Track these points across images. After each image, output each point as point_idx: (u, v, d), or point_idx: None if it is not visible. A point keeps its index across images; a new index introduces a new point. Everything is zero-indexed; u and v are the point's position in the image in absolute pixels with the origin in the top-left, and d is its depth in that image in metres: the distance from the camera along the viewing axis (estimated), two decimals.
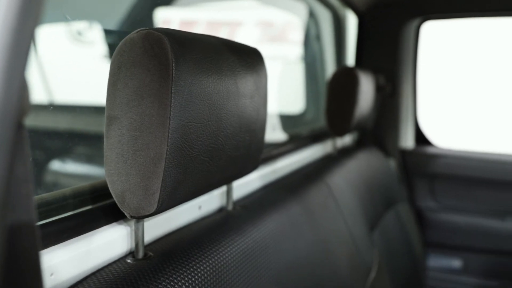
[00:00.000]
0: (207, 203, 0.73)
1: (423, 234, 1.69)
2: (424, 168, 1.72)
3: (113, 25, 1.27)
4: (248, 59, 0.62)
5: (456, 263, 1.70)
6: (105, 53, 1.19)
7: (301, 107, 1.80)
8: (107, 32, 1.20)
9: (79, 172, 1.53)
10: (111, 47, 1.13)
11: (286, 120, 1.72)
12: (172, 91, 0.46)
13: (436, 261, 1.72)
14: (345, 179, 1.20)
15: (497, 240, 1.64)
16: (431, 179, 1.72)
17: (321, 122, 1.69)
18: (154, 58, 0.46)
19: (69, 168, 1.51)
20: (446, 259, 1.72)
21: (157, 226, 0.61)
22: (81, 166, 1.53)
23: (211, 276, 0.55)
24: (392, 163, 1.71)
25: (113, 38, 1.22)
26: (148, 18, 1.31)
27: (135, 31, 0.47)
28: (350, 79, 1.27)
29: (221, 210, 0.76)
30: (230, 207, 0.75)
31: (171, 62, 0.46)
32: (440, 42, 2.06)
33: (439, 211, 1.71)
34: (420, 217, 1.72)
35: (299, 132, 1.64)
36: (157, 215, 0.55)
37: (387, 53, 1.68)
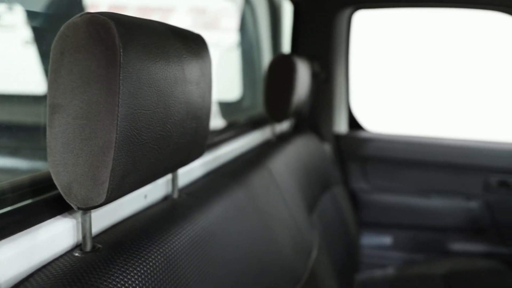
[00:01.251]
0: (153, 191, 0.72)
1: (357, 215, 1.77)
2: (356, 152, 1.80)
3: (37, 7, 1.19)
4: (193, 45, 0.61)
5: (387, 240, 1.81)
6: (30, 37, 1.11)
7: (238, 94, 1.81)
8: (31, 14, 1.13)
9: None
10: (36, 31, 1.07)
11: (224, 107, 1.73)
12: (120, 77, 0.44)
13: (369, 239, 1.82)
14: (285, 164, 1.22)
15: (423, 217, 1.77)
16: (364, 162, 1.80)
17: (259, 108, 1.71)
18: (100, 43, 0.44)
19: None
20: (378, 236, 1.82)
21: (103, 217, 0.59)
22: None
23: (162, 265, 0.55)
24: (327, 148, 1.77)
25: (38, 21, 1.15)
26: (76, 1, 1.24)
27: (78, 15, 0.45)
28: (287, 66, 1.30)
29: (166, 198, 0.75)
30: (175, 195, 0.74)
31: (119, 47, 0.44)
32: (373, 31, 2.15)
33: (371, 192, 1.80)
34: (354, 198, 1.80)
35: (237, 119, 1.65)
36: (103, 206, 0.54)
37: (321, 40, 1.73)
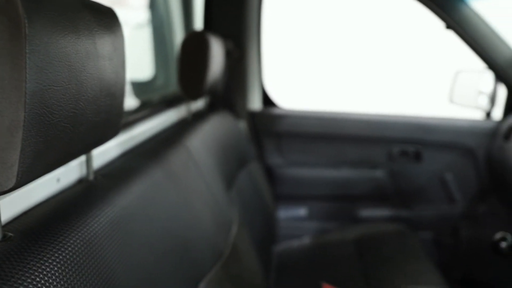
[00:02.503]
0: (66, 174, 0.69)
1: (273, 189, 1.83)
2: (271, 128, 1.85)
3: None
4: (104, 18, 0.58)
5: (302, 211, 1.90)
6: None
7: (150, 74, 1.76)
8: None
9: None
10: None
11: (136, 87, 1.67)
12: (27, 51, 0.41)
13: (286, 212, 1.90)
14: (202, 142, 1.22)
15: (335, 187, 1.87)
16: (278, 137, 1.86)
17: (173, 87, 1.68)
18: (1, 14, 0.40)
19: None
20: (293, 208, 1.90)
21: (13, 204, 0.55)
22: None
23: (82, 249, 0.53)
24: (242, 125, 1.79)
25: None
26: None
27: None
28: (201, 44, 1.28)
29: (81, 181, 0.72)
30: (91, 177, 0.71)
31: (23, 18, 0.41)
32: (284, 10, 2.19)
33: (286, 166, 1.87)
34: (269, 173, 1.85)
35: (151, 98, 1.61)
36: (13, 191, 0.50)
37: (234, 18, 1.73)
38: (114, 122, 0.64)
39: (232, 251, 0.99)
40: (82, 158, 0.71)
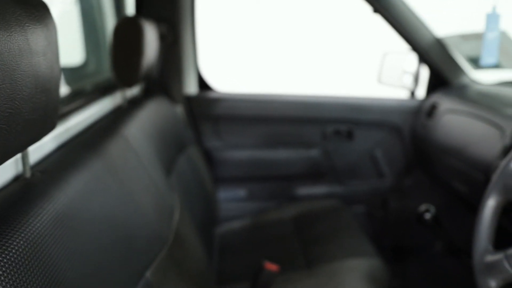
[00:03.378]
0: (0, 173, 0.66)
1: (212, 172, 1.85)
2: (207, 112, 1.86)
3: None
4: (35, 12, 0.56)
5: (241, 192, 1.94)
6: None
7: (81, 59, 1.69)
8: None
9: None
10: None
11: (67, 74, 1.60)
12: None
13: (225, 194, 1.93)
14: (140, 129, 1.21)
15: (272, 168, 1.92)
16: (215, 121, 1.87)
17: (106, 74, 1.63)
18: None
19: None
20: (233, 190, 1.93)
21: None
22: None
23: (26, 250, 0.52)
24: (179, 109, 1.78)
25: None
26: None
27: None
28: (134, 29, 1.26)
29: (17, 179, 0.70)
30: (28, 174, 0.69)
31: None
32: None
33: (224, 149, 1.89)
34: (208, 156, 1.87)
35: (82, 85, 1.56)
36: None
37: (166, 1, 1.70)
38: (50, 117, 0.63)
39: (175, 237, 1.00)
40: (18, 155, 0.68)
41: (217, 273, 1.45)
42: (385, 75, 2.04)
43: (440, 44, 1.83)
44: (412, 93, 2.02)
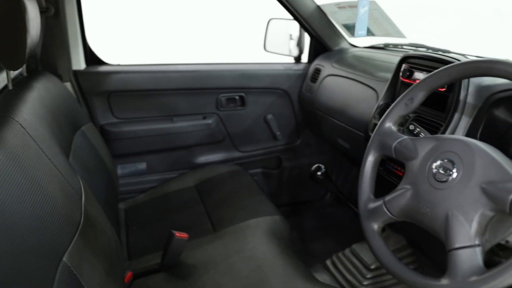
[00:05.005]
0: None
1: (110, 148, 1.82)
2: (99, 87, 1.80)
3: None
4: None
5: (141, 165, 1.94)
6: None
7: None
8: None
9: None
10: None
11: None
12: None
13: (126, 169, 1.92)
14: (32, 113, 1.16)
15: (171, 139, 1.94)
16: (108, 96, 1.82)
17: None
18: None
19: None
20: (133, 165, 1.93)
21: None
22: None
23: None
24: (69, 87, 1.71)
25: None
26: None
27: None
28: (14, 7, 1.17)
29: None
30: None
31: None
32: None
33: (120, 125, 1.85)
34: (104, 133, 1.83)
35: None
36: None
37: None
38: None
39: (85, 219, 1.01)
40: None
41: (127, 248, 1.47)
42: (271, 42, 2.14)
43: (319, 13, 1.97)
44: (297, 59, 2.15)
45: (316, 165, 1.66)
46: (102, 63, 1.86)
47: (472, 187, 0.81)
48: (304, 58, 2.15)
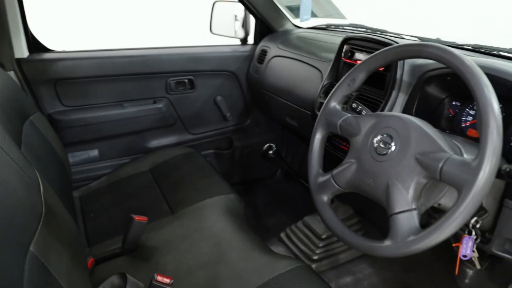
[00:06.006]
0: None
1: (61, 137, 1.80)
2: (45, 75, 1.76)
3: None
4: None
5: (93, 153, 1.93)
6: None
7: None
8: None
9: None
10: None
11: None
12: None
13: (77, 157, 1.90)
14: None
15: (122, 125, 1.93)
16: (54, 84, 1.79)
17: None
18: None
19: None
20: (84, 152, 1.91)
21: None
22: None
23: None
24: (13, 76, 1.67)
25: None
26: None
27: None
28: None
29: None
30: None
31: None
32: None
33: (69, 113, 1.83)
34: (53, 122, 1.80)
35: None
36: None
37: None
38: None
39: (46, 208, 1.02)
40: None
41: (85, 235, 1.49)
42: (217, 25, 2.17)
43: None
44: (244, 41, 2.20)
45: (268, 144, 1.74)
46: (46, 50, 1.82)
47: (408, 158, 0.90)
48: (250, 40, 2.20)
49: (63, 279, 0.87)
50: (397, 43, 1.30)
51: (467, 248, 1.02)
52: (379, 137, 0.98)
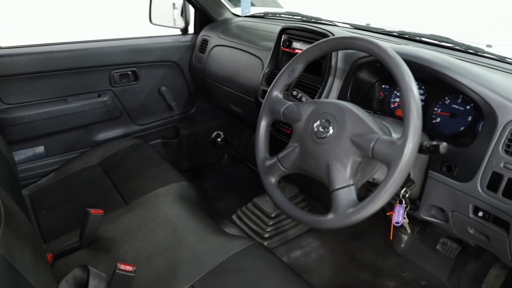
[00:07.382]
0: None
1: (4, 136, 1.76)
2: None
3: None
4: None
5: (39, 149, 1.90)
6: None
7: None
8: None
9: None
10: None
11: None
12: None
13: (22, 155, 1.87)
14: None
15: (67, 120, 1.91)
16: None
17: None
18: None
19: None
20: (30, 150, 1.88)
21: None
22: None
23: None
24: None
25: None
26: None
27: None
28: None
29: None
30: None
31: None
32: None
33: (11, 111, 1.78)
34: None
35: None
36: None
37: None
38: None
39: (4, 209, 1.04)
40: None
41: (40, 232, 1.49)
42: (156, 15, 2.18)
43: None
44: (184, 30, 2.23)
45: (216, 132, 1.81)
46: None
47: (344, 140, 1.01)
48: (191, 29, 2.23)
49: (30, 276, 0.91)
50: (332, 33, 1.41)
51: (399, 216, 1.16)
52: (318, 122, 1.08)
